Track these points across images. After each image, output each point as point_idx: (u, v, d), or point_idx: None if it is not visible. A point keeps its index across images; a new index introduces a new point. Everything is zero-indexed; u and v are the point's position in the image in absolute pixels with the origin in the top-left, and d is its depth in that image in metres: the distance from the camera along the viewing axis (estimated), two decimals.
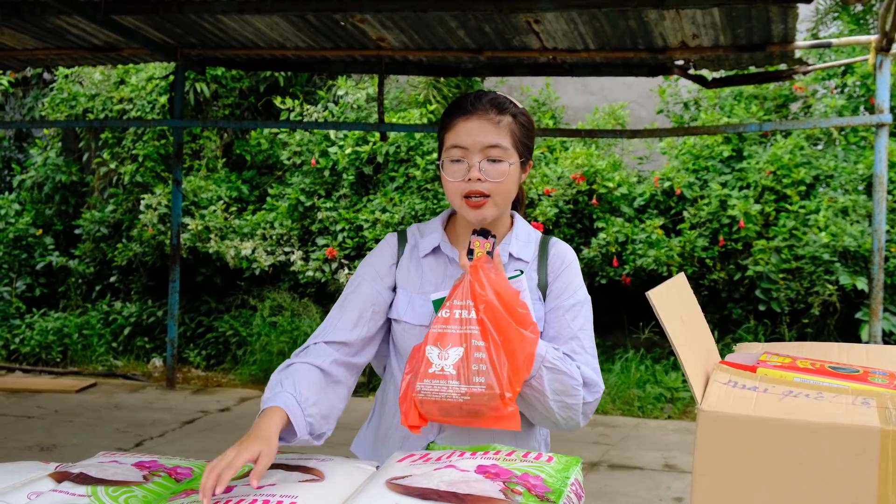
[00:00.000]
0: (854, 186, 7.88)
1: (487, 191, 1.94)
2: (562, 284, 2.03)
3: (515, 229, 2.08)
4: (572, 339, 1.98)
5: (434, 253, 2.07)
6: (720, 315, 8.09)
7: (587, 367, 1.96)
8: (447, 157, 1.98)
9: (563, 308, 2.01)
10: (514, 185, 2.00)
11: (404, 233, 2.14)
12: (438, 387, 1.77)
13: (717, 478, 1.35)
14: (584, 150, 8.71)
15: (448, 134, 1.99)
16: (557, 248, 2.07)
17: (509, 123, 1.98)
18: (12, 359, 9.34)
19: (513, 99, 2.04)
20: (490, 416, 1.77)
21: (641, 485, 5.33)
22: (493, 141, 1.95)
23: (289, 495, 1.58)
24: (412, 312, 2.02)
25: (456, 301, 1.82)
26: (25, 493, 1.59)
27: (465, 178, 1.95)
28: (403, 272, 2.08)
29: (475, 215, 1.96)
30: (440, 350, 1.79)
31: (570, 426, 1.96)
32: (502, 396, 1.74)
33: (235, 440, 1.72)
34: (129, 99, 10.12)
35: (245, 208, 9.65)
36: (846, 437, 1.30)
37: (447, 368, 1.77)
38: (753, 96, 8.88)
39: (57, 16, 6.51)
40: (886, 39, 6.12)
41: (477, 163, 1.94)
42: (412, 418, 1.83)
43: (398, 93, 10.06)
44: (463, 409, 1.77)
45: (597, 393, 1.97)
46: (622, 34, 6.45)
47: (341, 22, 6.55)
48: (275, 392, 1.84)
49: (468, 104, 1.98)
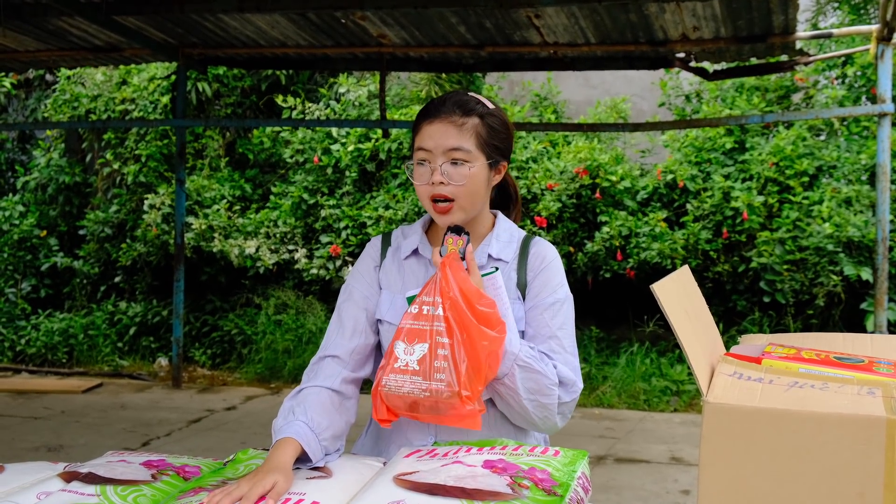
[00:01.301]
0: (857, 176, 7.87)
1: (451, 194, 1.93)
2: (541, 283, 2.01)
3: (497, 230, 2.07)
4: (550, 337, 1.97)
5: (414, 255, 2.07)
6: (725, 307, 8.09)
7: (565, 367, 1.95)
8: (415, 159, 1.99)
9: (542, 307, 1.99)
10: (480, 188, 1.98)
11: (389, 235, 2.15)
12: (402, 381, 1.77)
13: (724, 469, 1.35)
14: (586, 144, 8.70)
15: (416, 137, 1.99)
16: (538, 248, 2.06)
17: (475, 125, 1.96)
18: (18, 360, 9.36)
19: (484, 100, 2.02)
20: (450, 415, 1.76)
21: (648, 478, 5.33)
22: (454, 144, 1.93)
23: (297, 492, 1.59)
24: (394, 312, 2.01)
25: (425, 297, 1.82)
26: (35, 493, 1.59)
27: (429, 181, 1.94)
28: (386, 274, 2.08)
29: (442, 220, 1.96)
30: (406, 345, 1.79)
31: (548, 426, 1.95)
32: (459, 395, 1.73)
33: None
34: (132, 99, 10.13)
35: (248, 207, 9.65)
36: (852, 427, 1.30)
37: (411, 364, 1.77)
38: (755, 88, 8.87)
39: (59, 17, 6.51)
40: (888, 29, 6.11)
41: (439, 165, 1.93)
42: (381, 412, 1.82)
43: (400, 89, 10.06)
44: (425, 405, 1.77)
45: (574, 393, 1.95)
46: (623, 27, 6.44)
47: (342, 19, 6.56)
48: (288, 421, 1.83)
49: (433, 107, 1.98)
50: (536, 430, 1.99)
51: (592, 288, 8.28)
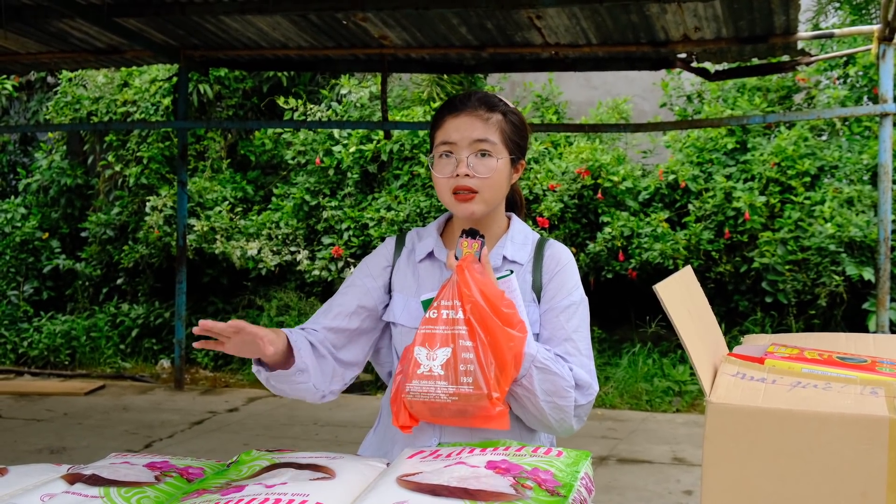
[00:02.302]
0: (859, 177, 7.86)
1: (475, 186, 1.94)
2: (556, 285, 2.01)
3: (511, 232, 2.07)
4: (566, 340, 1.96)
5: (429, 258, 2.07)
6: (727, 307, 8.09)
7: (581, 370, 1.94)
8: (436, 153, 1.99)
9: (558, 309, 1.99)
10: (503, 182, 2.00)
11: (403, 236, 2.15)
12: (427, 387, 1.77)
13: (727, 469, 1.35)
14: (588, 145, 8.70)
15: (438, 132, 2.00)
16: (553, 250, 2.05)
17: (499, 121, 1.98)
18: (21, 362, 9.37)
19: (504, 99, 2.04)
20: (478, 416, 1.76)
21: (651, 478, 5.33)
22: (481, 135, 1.95)
23: (300, 493, 1.59)
24: (407, 315, 2.02)
25: (443, 301, 1.81)
26: (38, 494, 1.59)
27: (453, 173, 1.95)
28: (400, 275, 2.08)
29: (463, 209, 1.96)
30: (428, 351, 1.78)
31: (564, 429, 1.94)
32: (489, 396, 1.73)
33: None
34: (133, 101, 10.14)
35: (250, 208, 9.66)
36: (855, 427, 1.30)
37: (435, 369, 1.77)
38: (756, 88, 8.87)
39: (60, 19, 6.53)
40: (889, 29, 6.11)
41: (465, 157, 1.94)
42: (403, 419, 1.83)
43: (401, 90, 10.07)
44: (451, 409, 1.77)
45: (590, 395, 1.94)
46: (624, 28, 6.44)
47: (343, 21, 6.56)
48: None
49: (457, 102, 2.00)
50: (552, 432, 1.98)
51: (594, 288, 8.28)
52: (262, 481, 1.61)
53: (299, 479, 1.67)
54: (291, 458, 1.79)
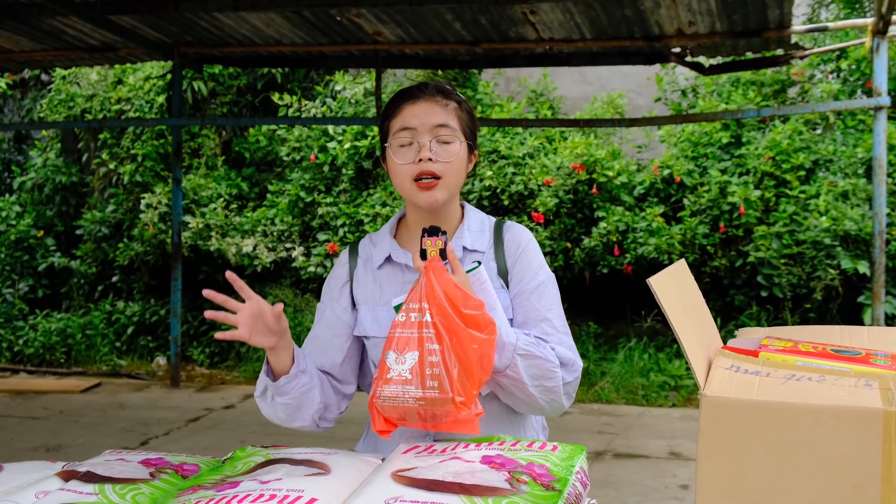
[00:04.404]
0: (854, 170, 7.87)
1: (439, 171, 1.92)
2: (522, 268, 2.00)
3: (467, 220, 2.05)
4: (542, 321, 1.95)
5: (388, 262, 2.04)
6: (722, 302, 8.09)
7: (562, 347, 1.93)
8: (395, 141, 1.96)
9: (528, 291, 1.97)
10: (463, 169, 1.99)
11: (356, 246, 2.12)
12: (396, 392, 1.73)
13: (722, 462, 1.35)
14: (582, 140, 8.70)
15: (394, 120, 1.97)
16: (512, 232, 2.04)
17: (455, 108, 1.98)
18: (16, 360, 9.36)
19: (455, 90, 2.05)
20: (447, 421, 1.73)
21: (647, 473, 5.34)
22: (441, 120, 1.94)
23: (295, 489, 1.59)
24: (377, 325, 2.00)
25: (411, 304, 1.78)
26: (33, 492, 1.59)
27: (415, 159, 1.92)
28: (360, 287, 2.06)
29: (426, 197, 1.94)
30: (397, 355, 1.75)
31: (555, 409, 1.93)
32: (453, 401, 1.70)
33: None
34: (127, 99, 10.12)
35: (245, 205, 9.65)
36: (849, 419, 1.30)
37: (404, 373, 1.73)
38: (751, 82, 8.87)
39: (53, 17, 6.51)
40: (883, 22, 6.12)
41: (427, 142, 1.92)
42: (379, 424, 1.80)
43: (396, 86, 10.05)
44: (420, 413, 1.74)
45: (576, 371, 1.94)
46: (618, 23, 6.44)
47: (337, 17, 6.55)
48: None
49: (415, 90, 1.99)
50: (544, 414, 1.97)
51: (590, 283, 8.29)
52: (257, 477, 1.61)
53: (294, 474, 1.67)
54: (286, 454, 1.79)
